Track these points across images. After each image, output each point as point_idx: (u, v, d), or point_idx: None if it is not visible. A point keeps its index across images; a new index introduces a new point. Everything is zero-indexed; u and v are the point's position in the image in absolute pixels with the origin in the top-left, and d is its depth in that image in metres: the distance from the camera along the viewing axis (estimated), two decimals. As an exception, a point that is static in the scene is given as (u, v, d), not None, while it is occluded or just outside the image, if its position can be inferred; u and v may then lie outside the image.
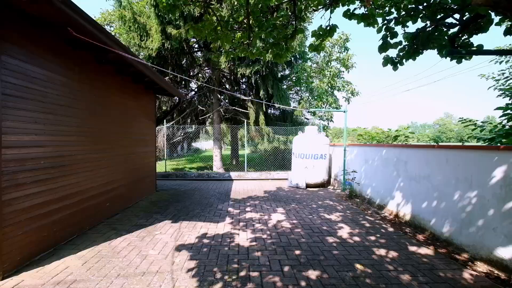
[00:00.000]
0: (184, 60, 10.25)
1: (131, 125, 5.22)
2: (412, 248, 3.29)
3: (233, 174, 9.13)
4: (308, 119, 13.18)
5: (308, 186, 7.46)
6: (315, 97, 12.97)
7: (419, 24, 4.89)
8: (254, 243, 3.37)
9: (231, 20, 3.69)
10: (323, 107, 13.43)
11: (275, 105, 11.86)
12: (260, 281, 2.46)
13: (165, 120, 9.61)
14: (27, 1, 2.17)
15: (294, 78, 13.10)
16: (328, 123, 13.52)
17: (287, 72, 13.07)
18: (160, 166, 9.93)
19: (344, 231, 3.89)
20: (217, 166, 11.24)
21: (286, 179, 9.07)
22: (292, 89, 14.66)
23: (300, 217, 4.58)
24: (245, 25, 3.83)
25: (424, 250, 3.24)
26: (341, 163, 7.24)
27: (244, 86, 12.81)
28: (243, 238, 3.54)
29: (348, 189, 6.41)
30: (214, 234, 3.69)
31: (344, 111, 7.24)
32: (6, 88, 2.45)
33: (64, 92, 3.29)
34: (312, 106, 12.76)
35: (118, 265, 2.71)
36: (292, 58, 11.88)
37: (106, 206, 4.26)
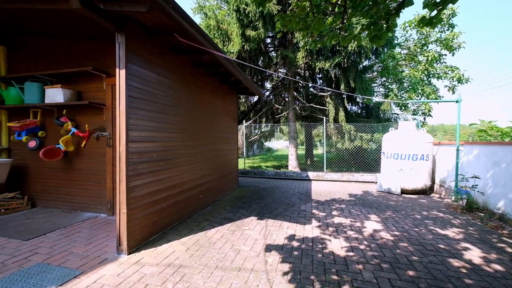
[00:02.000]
0: (261, 60, 10.45)
1: (218, 124, 5.56)
2: None
3: (311, 174, 8.70)
4: (397, 114, 11.37)
5: (403, 191, 6.33)
6: (407, 88, 11.06)
7: None
8: (351, 253, 2.95)
9: (323, 2, 3.36)
10: (416, 99, 11.35)
11: (358, 99, 10.76)
12: (370, 302, 2.06)
13: (243, 120, 10.04)
14: (146, 11, 2.44)
15: (379, 68, 11.55)
16: (424, 118, 11.33)
17: (369, 62, 11.64)
18: (239, 164, 10.46)
19: (474, 254, 2.98)
20: (292, 165, 11.02)
21: (373, 182, 8.02)
22: (376, 81, 12.99)
23: (402, 229, 3.83)
24: (337, 7, 3.45)
25: None
26: (452, 166, 5.83)
27: (320, 82, 12.16)
28: (337, 246, 3.16)
29: (464, 199, 5.06)
30: (303, 236, 3.45)
31: (457, 101, 5.77)
32: (131, 91, 2.86)
33: (169, 94, 3.69)
34: (404, 99, 10.93)
35: (215, 257, 2.79)
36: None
37: (200, 198, 4.63)
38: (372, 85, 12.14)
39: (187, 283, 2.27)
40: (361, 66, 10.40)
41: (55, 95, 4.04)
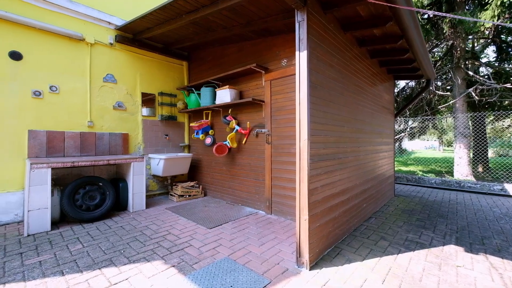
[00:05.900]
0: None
1: (375, 117, 4.50)
2: None
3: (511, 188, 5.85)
4: None
5: None
6: None
7: None
8: None
9: None
10: None
11: None
12: None
13: (400, 113, 8.25)
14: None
15: None
16: None
17: None
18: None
19: None
20: (462, 172, 8.09)
21: None
22: None
23: None
24: None
25: None
26: None
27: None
28: None
29: None
30: None
31: None
32: (311, 76, 2.43)
33: (338, 79, 3.07)
34: None
35: (440, 307, 1.86)
36: None
37: (363, 207, 3.79)
38: None
39: None
40: None
41: (224, 95, 4.39)
